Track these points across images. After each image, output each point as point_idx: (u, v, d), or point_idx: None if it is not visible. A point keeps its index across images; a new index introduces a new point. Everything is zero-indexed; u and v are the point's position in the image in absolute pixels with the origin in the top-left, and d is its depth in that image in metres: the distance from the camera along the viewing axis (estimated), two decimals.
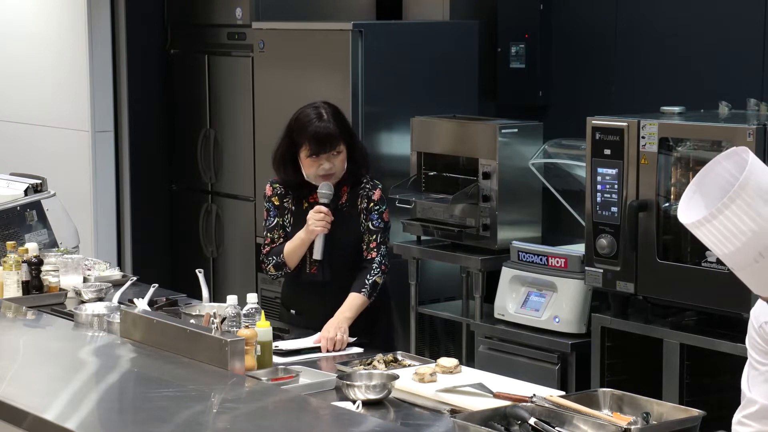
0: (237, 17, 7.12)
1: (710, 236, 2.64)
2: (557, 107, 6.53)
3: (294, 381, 3.86)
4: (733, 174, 2.65)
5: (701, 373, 4.88)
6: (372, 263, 4.62)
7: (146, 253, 7.84)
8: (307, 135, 4.55)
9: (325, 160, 4.55)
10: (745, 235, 2.59)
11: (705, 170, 2.72)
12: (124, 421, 3.52)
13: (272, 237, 4.72)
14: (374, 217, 4.66)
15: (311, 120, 4.57)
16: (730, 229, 2.60)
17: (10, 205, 5.52)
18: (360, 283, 4.59)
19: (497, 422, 3.31)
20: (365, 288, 4.58)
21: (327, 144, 4.54)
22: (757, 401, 2.85)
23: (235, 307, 4.15)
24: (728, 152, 2.70)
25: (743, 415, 2.89)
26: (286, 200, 4.72)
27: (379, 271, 4.62)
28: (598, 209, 5.09)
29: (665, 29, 6.05)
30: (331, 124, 4.56)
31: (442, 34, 6.52)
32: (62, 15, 7.72)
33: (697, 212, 2.66)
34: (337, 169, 4.58)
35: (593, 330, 5.14)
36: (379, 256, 4.64)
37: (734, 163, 2.67)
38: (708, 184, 2.70)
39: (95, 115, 7.58)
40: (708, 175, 2.71)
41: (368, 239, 4.65)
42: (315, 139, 4.54)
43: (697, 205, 2.69)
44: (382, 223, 4.67)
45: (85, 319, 4.46)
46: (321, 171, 4.56)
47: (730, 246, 2.62)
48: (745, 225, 2.58)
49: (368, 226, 4.65)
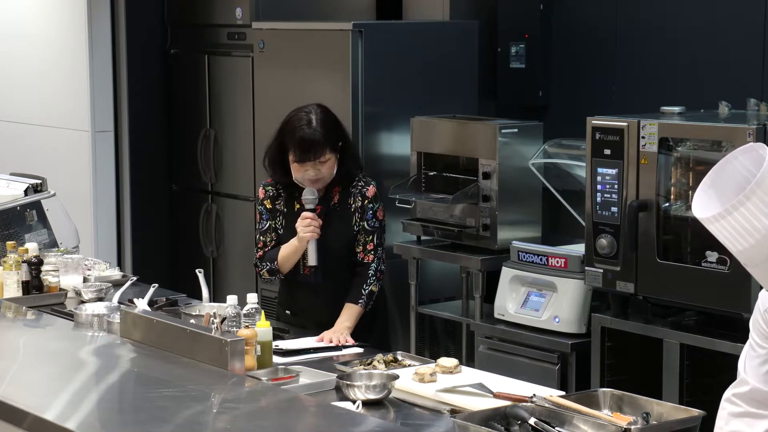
0: (237, 17, 7.12)
1: (725, 232, 2.63)
2: (557, 107, 6.52)
3: (294, 381, 3.86)
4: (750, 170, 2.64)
5: (701, 373, 4.88)
6: (368, 269, 4.64)
7: (146, 253, 7.84)
8: (293, 140, 4.56)
9: (310, 167, 4.56)
10: (759, 232, 2.58)
11: (721, 164, 2.70)
12: (124, 421, 3.52)
13: (264, 240, 4.74)
14: (369, 216, 4.66)
15: (300, 125, 4.57)
16: (745, 227, 2.59)
17: (10, 205, 5.52)
18: (357, 293, 4.61)
19: (497, 422, 3.31)
20: (362, 299, 4.61)
21: (311, 152, 4.54)
22: (749, 382, 2.85)
23: (235, 307, 4.15)
24: (745, 147, 2.69)
25: (733, 393, 2.90)
26: (278, 202, 4.72)
27: (375, 279, 4.65)
28: (598, 209, 5.09)
29: (665, 29, 6.04)
30: (317, 132, 4.55)
31: (442, 34, 6.52)
32: (62, 15, 7.72)
33: (713, 207, 2.64)
34: (324, 175, 4.58)
35: (593, 330, 5.14)
36: (375, 261, 4.65)
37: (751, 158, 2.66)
38: (723, 178, 2.68)
39: (95, 115, 7.59)
40: (724, 169, 2.69)
41: (364, 240, 4.66)
42: (300, 146, 4.54)
43: (711, 199, 2.67)
44: (377, 221, 4.67)
45: (85, 319, 4.47)
46: (307, 176, 4.57)
47: (744, 243, 2.61)
48: (760, 222, 2.58)
49: (363, 226, 4.65)
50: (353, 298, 4.60)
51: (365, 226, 4.65)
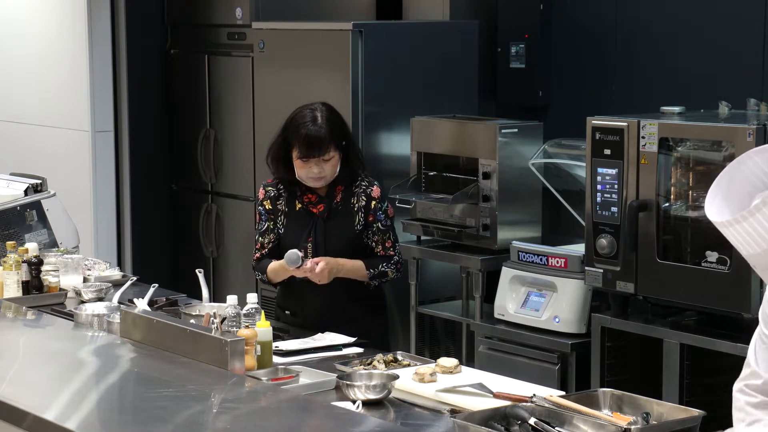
0: (237, 17, 7.12)
1: (737, 236, 2.61)
2: (557, 107, 6.53)
3: (294, 381, 3.86)
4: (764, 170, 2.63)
5: (701, 373, 4.88)
6: (391, 259, 4.68)
7: (146, 253, 7.83)
8: (298, 137, 4.57)
9: (314, 164, 4.57)
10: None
11: (734, 164, 2.68)
12: (124, 421, 3.52)
13: (263, 242, 4.74)
14: (380, 216, 4.68)
15: (305, 122, 4.58)
16: (759, 232, 2.57)
17: (10, 205, 5.52)
18: (373, 263, 4.67)
19: (497, 422, 3.30)
20: (373, 269, 4.65)
21: (316, 149, 4.54)
22: (762, 376, 2.84)
23: (235, 307, 4.15)
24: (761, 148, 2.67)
25: (746, 384, 2.88)
26: (279, 202, 4.72)
27: (395, 267, 4.71)
28: (598, 209, 5.09)
29: (665, 29, 6.04)
30: (323, 129, 4.57)
31: (442, 34, 6.52)
32: (62, 15, 7.72)
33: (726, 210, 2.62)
34: (327, 173, 4.59)
35: (593, 330, 5.14)
36: (396, 255, 4.73)
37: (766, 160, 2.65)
38: (736, 179, 2.66)
39: (95, 115, 7.58)
40: (737, 169, 2.67)
41: (382, 239, 4.69)
42: (305, 142, 4.55)
43: (725, 202, 2.65)
44: (389, 220, 4.71)
45: (85, 319, 4.46)
46: (310, 174, 4.57)
47: (756, 248, 2.60)
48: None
49: (378, 227, 4.67)
50: (368, 263, 4.65)
51: (379, 226, 4.68)
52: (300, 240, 4.65)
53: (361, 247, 4.69)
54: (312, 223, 4.66)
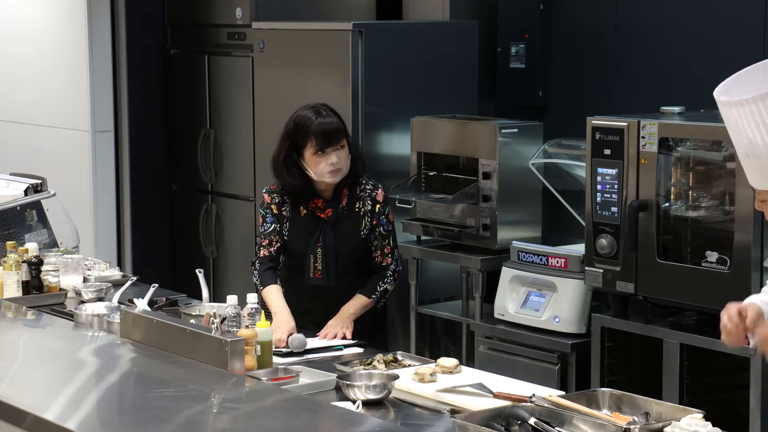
0: (237, 17, 7.12)
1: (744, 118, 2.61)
2: (557, 107, 6.53)
3: (294, 381, 3.86)
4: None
5: (701, 373, 4.88)
6: (387, 270, 4.66)
7: (146, 253, 7.83)
8: (312, 132, 4.56)
9: (332, 153, 4.56)
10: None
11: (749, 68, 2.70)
12: (124, 421, 3.52)
13: (270, 240, 4.70)
14: (383, 221, 4.68)
15: (312, 118, 4.58)
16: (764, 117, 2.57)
17: (10, 205, 5.52)
18: (371, 287, 4.64)
19: (497, 422, 3.31)
20: (375, 294, 4.64)
21: (333, 137, 4.56)
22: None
23: (235, 307, 4.15)
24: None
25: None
26: (284, 209, 4.71)
27: (392, 279, 4.70)
28: (598, 209, 5.09)
29: (665, 29, 6.05)
30: (332, 118, 4.60)
31: (442, 34, 6.52)
32: (62, 15, 7.72)
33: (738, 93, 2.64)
34: (343, 163, 4.59)
35: (593, 330, 5.14)
36: (393, 263, 4.70)
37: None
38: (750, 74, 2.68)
39: (95, 115, 7.58)
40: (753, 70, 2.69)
41: (381, 244, 4.68)
42: (322, 133, 4.55)
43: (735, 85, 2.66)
44: (390, 225, 4.71)
45: (85, 319, 4.46)
46: (329, 166, 4.56)
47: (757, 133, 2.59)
48: None
49: (380, 231, 4.67)
50: (367, 291, 4.64)
51: (381, 231, 4.67)
52: (308, 246, 4.64)
53: (367, 251, 4.70)
54: (320, 228, 4.65)
